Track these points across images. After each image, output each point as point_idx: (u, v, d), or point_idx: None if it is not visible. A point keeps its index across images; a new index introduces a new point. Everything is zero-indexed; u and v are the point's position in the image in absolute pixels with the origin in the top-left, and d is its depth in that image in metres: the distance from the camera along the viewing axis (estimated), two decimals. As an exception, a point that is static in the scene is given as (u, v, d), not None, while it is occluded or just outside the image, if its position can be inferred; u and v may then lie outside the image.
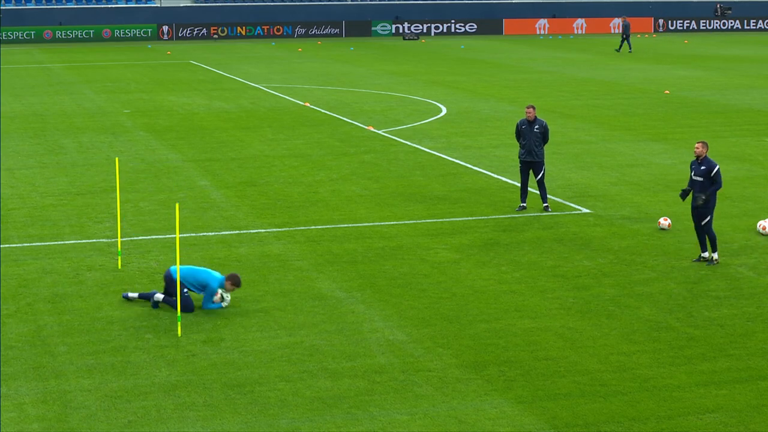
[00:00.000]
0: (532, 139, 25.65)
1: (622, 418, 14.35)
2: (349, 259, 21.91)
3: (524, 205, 26.01)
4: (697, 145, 21.43)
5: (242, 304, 19.00)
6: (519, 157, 25.99)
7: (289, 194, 27.99)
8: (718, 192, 21.39)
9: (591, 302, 19.13)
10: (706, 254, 21.55)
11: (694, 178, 21.31)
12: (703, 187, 21.19)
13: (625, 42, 75.32)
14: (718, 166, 21.20)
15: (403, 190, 28.33)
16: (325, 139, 36.87)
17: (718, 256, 21.57)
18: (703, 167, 21.23)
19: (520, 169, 26.02)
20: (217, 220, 25.25)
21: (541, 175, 25.82)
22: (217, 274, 18.84)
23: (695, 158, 21.42)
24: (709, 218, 21.31)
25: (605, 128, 39.10)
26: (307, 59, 70.77)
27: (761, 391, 15.26)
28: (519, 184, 26.74)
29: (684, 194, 21.55)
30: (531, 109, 25.84)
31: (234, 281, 18.71)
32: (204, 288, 18.64)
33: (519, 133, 25.88)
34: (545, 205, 25.93)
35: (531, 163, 25.76)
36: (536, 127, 25.65)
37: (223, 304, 18.71)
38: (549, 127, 26.28)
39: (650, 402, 14.85)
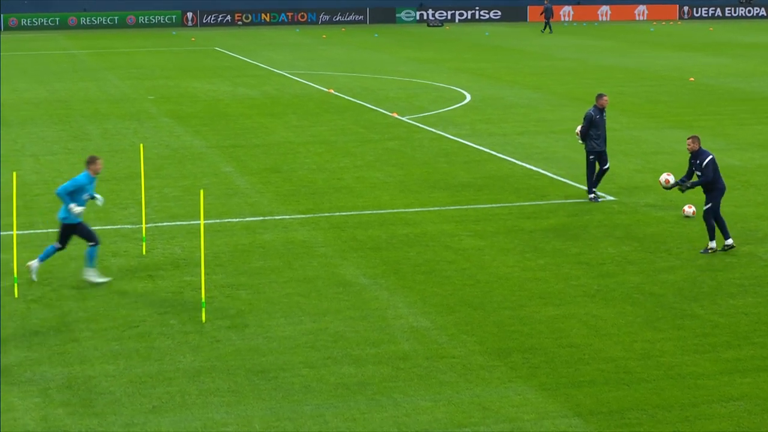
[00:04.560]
0: (605, 128, 25.23)
1: (647, 406, 14.32)
2: (373, 246, 21.91)
3: (596, 193, 25.64)
4: (687, 141, 21.27)
5: (267, 291, 19.04)
6: (592, 149, 25.11)
7: (314, 181, 28.01)
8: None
9: (615, 290, 19.09)
10: (729, 241, 21.38)
11: (696, 173, 21.20)
12: (704, 183, 21.03)
13: (547, 26, 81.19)
14: (709, 157, 20.96)
15: (428, 177, 28.31)
16: (349, 126, 36.87)
17: (715, 245, 21.28)
18: (697, 161, 21.09)
19: (591, 162, 25.29)
20: (242, 206, 25.29)
21: (608, 165, 25.55)
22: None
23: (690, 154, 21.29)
24: (709, 206, 21.10)
25: (630, 116, 38.97)
26: (331, 46, 70.77)
27: (786, 379, 15.21)
28: (549, 173, 26.44)
29: (681, 186, 21.47)
30: (607, 97, 25.51)
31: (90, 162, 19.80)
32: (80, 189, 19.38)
33: (591, 123, 24.97)
34: (594, 196, 25.46)
35: (603, 153, 25.27)
36: (605, 115, 25.37)
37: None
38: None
39: (674, 389, 14.82)
